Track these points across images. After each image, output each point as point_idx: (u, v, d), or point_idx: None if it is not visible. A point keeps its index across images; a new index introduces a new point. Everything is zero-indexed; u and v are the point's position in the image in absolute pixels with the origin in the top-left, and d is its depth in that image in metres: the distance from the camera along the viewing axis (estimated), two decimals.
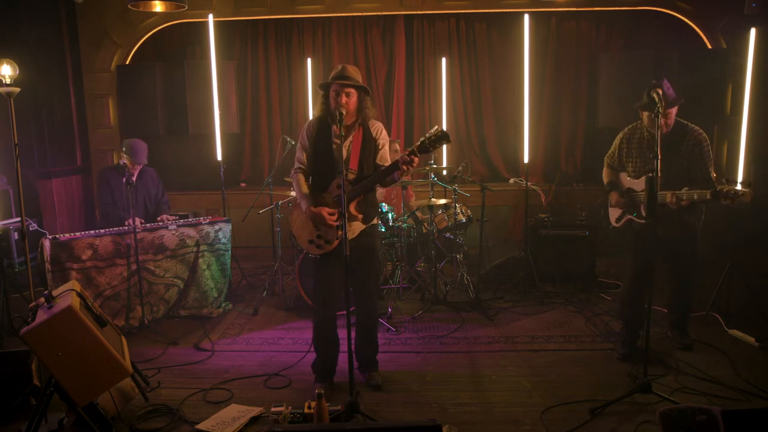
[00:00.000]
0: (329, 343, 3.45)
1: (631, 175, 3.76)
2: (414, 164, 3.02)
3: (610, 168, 3.95)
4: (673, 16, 6.34)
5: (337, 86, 3.19)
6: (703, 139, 3.55)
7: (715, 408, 2.22)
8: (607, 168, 3.97)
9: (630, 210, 3.74)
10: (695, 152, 3.53)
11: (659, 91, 3.17)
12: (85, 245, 4.18)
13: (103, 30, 6.56)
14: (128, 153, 4.61)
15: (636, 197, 3.68)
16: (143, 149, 4.67)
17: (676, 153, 3.54)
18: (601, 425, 2.97)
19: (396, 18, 6.85)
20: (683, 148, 3.54)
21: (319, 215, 3.21)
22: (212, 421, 3.05)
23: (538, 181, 6.77)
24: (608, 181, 3.93)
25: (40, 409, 2.73)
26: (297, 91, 7.00)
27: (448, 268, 5.55)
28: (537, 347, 4.00)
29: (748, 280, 4.40)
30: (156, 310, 4.54)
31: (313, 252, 3.33)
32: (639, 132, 3.70)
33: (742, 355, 3.74)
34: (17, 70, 3.68)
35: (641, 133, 3.68)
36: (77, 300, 2.78)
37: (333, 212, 3.21)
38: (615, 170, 3.92)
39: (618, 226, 3.87)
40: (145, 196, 4.82)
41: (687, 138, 3.54)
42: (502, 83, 6.90)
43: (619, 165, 3.87)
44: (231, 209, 5.44)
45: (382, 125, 3.39)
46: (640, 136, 3.68)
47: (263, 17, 6.77)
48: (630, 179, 3.78)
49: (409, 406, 3.24)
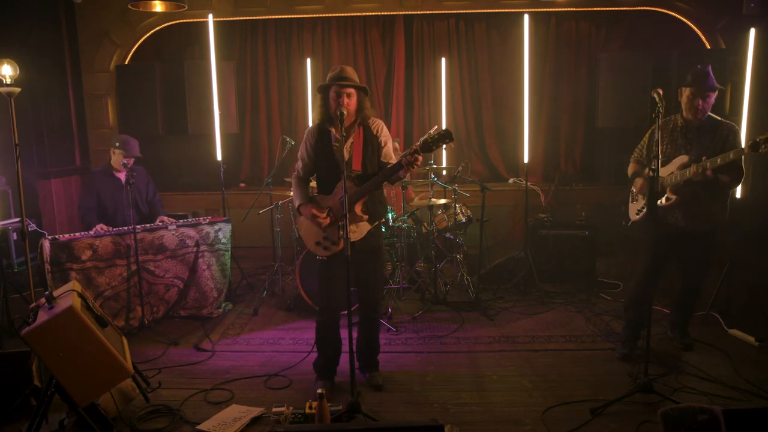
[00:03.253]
0: (332, 343, 3.45)
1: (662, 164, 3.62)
2: (417, 163, 3.02)
3: (637, 162, 3.90)
4: (672, 16, 6.36)
5: (337, 88, 3.18)
6: (734, 130, 3.54)
7: (716, 407, 2.23)
8: (633, 163, 3.93)
9: None
10: (729, 139, 3.49)
11: (659, 91, 3.16)
12: (84, 245, 4.18)
13: (102, 30, 6.56)
14: (121, 147, 4.60)
15: (663, 181, 3.61)
16: (135, 143, 4.66)
17: (709, 139, 3.52)
18: (602, 425, 2.97)
19: (395, 18, 6.86)
20: (717, 135, 3.51)
21: (309, 214, 3.24)
22: (213, 421, 3.04)
23: (538, 181, 6.78)
24: (633, 172, 3.89)
25: (41, 409, 2.73)
26: (296, 91, 7.01)
27: (448, 268, 5.55)
28: (537, 347, 4.00)
29: (748, 279, 4.41)
30: (156, 310, 4.53)
31: (320, 254, 3.33)
32: (673, 122, 3.68)
33: (742, 355, 3.75)
34: (18, 70, 3.67)
35: (675, 122, 3.67)
36: (78, 300, 2.78)
37: (321, 210, 3.23)
38: (641, 164, 3.87)
39: (637, 219, 3.81)
40: (137, 196, 4.78)
41: (720, 127, 3.53)
42: (501, 83, 6.91)
43: (647, 157, 3.80)
44: (230, 209, 5.44)
45: (382, 122, 3.39)
46: (673, 125, 3.67)
47: (263, 17, 6.78)
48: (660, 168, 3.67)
49: (411, 406, 3.23)
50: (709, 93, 3.49)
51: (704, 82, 3.46)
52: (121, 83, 6.56)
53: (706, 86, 3.46)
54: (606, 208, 6.06)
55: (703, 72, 3.47)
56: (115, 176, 4.71)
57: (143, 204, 4.87)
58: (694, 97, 3.49)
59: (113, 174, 4.71)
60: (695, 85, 3.48)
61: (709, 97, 3.51)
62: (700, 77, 3.47)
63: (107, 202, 4.68)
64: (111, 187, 4.70)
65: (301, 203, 3.32)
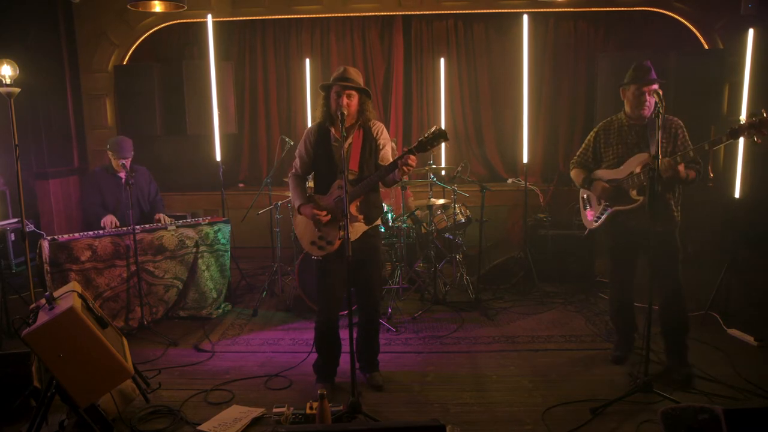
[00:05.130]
0: (331, 344, 3.45)
1: (612, 166, 3.57)
2: (412, 162, 3.02)
3: (580, 167, 3.76)
4: (671, 16, 6.37)
5: (338, 88, 3.19)
6: (682, 124, 3.46)
7: (717, 407, 2.23)
8: (576, 168, 3.78)
9: (615, 201, 3.54)
10: (679, 134, 3.42)
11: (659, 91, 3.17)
12: (84, 246, 4.17)
13: (100, 30, 6.54)
14: (112, 149, 4.62)
15: (622, 183, 3.48)
16: (127, 144, 4.66)
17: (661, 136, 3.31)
18: (602, 425, 2.97)
19: (394, 18, 6.86)
20: (667, 131, 3.42)
21: (310, 213, 3.23)
22: (214, 422, 3.04)
23: (536, 182, 6.78)
24: (583, 177, 3.71)
25: (41, 410, 2.73)
26: (295, 92, 7.00)
27: (448, 268, 5.55)
28: (537, 347, 4.01)
29: (747, 279, 4.42)
30: (155, 311, 4.52)
31: (315, 254, 3.33)
32: (617, 122, 3.58)
33: (742, 354, 3.76)
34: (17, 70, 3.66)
35: (620, 123, 3.56)
36: (79, 301, 2.77)
37: (321, 209, 3.22)
38: (587, 168, 3.74)
39: (598, 226, 3.70)
40: (138, 195, 4.80)
41: (669, 123, 3.43)
42: (500, 84, 6.91)
43: (594, 161, 3.70)
44: (229, 210, 5.43)
45: (384, 126, 3.39)
46: (619, 125, 3.56)
47: (261, 17, 6.76)
48: (609, 171, 3.57)
49: (411, 406, 3.24)
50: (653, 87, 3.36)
51: (647, 75, 3.37)
52: (120, 83, 6.54)
53: (651, 80, 3.36)
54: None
55: (645, 66, 3.39)
56: (116, 176, 4.71)
57: (145, 203, 4.87)
58: (640, 93, 3.38)
59: (115, 173, 4.72)
60: (639, 81, 3.38)
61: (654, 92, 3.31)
62: (643, 72, 3.38)
63: (109, 200, 4.68)
64: (112, 186, 4.70)
65: (301, 204, 3.32)
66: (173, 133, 6.60)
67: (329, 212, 3.24)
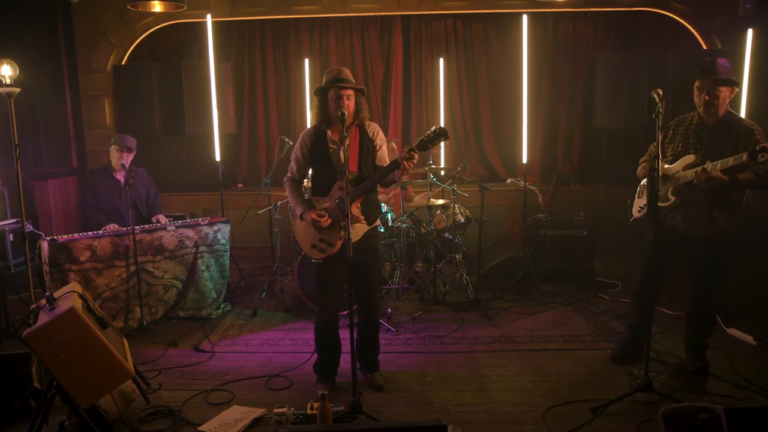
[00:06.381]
0: (331, 345, 3.44)
1: (668, 161, 3.43)
2: (414, 161, 3.03)
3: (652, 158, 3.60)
4: (669, 17, 6.39)
5: (336, 90, 3.18)
6: (755, 130, 3.15)
7: (718, 407, 2.23)
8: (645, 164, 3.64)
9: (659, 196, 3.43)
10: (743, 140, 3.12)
11: (659, 91, 3.09)
12: (83, 246, 4.16)
13: (99, 30, 6.53)
14: (116, 142, 4.63)
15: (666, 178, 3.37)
16: (131, 138, 4.69)
17: (719, 140, 3.22)
18: (603, 424, 2.98)
19: (393, 18, 6.86)
20: (731, 136, 3.18)
21: (310, 219, 3.22)
22: (215, 422, 3.04)
23: (535, 182, 6.79)
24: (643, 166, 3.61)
25: (41, 411, 2.72)
26: (294, 92, 6.99)
27: (447, 268, 5.55)
28: (537, 347, 4.01)
29: (746, 279, 4.42)
30: (155, 311, 4.52)
31: (316, 256, 3.31)
32: (690, 119, 3.44)
33: (741, 354, 3.76)
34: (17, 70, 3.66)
35: (691, 120, 3.42)
36: (79, 302, 2.77)
37: (322, 214, 3.21)
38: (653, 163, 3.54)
39: (639, 216, 3.59)
40: (136, 197, 4.74)
41: (737, 128, 3.19)
42: (499, 84, 6.92)
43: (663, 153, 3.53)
44: (228, 210, 5.43)
45: (378, 126, 3.39)
46: (689, 123, 3.42)
47: (260, 17, 6.76)
48: (666, 166, 3.42)
49: (412, 406, 3.24)
50: (717, 86, 3.17)
51: (707, 72, 3.18)
52: (119, 83, 6.53)
53: (710, 77, 3.17)
54: (604, 207, 6.08)
55: (709, 62, 3.17)
56: (114, 177, 4.70)
57: (143, 206, 4.84)
58: (699, 91, 3.23)
59: (113, 175, 4.70)
60: (698, 76, 3.22)
61: (718, 91, 3.19)
62: (705, 67, 3.20)
63: (103, 201, 4.66)
64: (109, 187, 4.68)
65: (303, 211, 3.28)
66: (172, 134, 6.60)
67: (330, 214, 3.23)
